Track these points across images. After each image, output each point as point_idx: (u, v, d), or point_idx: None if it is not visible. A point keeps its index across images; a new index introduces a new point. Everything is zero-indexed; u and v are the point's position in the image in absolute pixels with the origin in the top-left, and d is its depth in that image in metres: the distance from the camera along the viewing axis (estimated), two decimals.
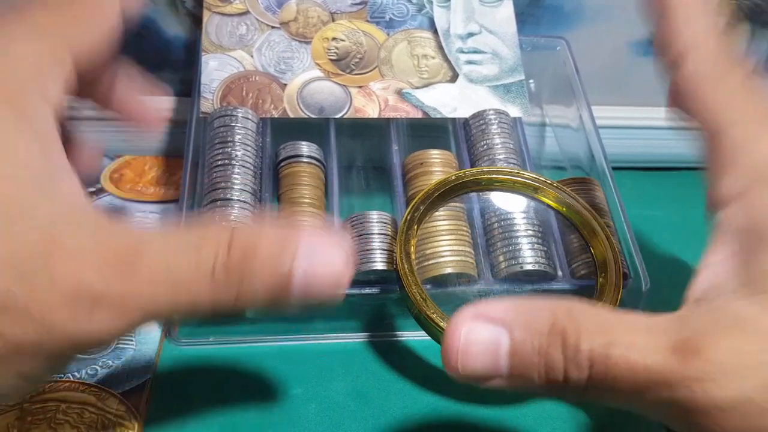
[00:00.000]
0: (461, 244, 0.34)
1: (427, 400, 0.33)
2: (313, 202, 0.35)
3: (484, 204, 0.36)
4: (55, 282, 0.20)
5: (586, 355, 0.21)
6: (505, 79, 0.41)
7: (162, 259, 0.21)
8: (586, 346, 0.21)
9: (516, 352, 0.22)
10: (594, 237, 0.34)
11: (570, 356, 0.21)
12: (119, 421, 0.31)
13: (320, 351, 0.35)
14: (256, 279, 0.21)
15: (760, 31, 0.46)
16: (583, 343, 0.21)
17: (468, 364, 0.22)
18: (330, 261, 0.22)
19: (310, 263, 0.21)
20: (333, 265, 0.22)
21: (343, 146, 0.39)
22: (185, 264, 0.20)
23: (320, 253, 0.22)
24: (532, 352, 0.21)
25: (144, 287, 0.20)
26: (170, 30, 0.43)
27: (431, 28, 0.41)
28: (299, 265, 0.21)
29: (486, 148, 0.38)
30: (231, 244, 0.21)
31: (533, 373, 0.22)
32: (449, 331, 0.22)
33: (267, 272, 0.21)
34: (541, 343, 0.21)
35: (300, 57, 0.39)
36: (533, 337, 0.21)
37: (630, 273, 0.35)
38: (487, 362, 0.22)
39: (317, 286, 0.22)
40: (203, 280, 0.21)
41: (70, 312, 0.20)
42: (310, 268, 0.21)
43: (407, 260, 0.31)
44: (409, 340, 0.35)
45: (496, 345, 0.22)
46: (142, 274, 0.20)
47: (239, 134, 0.36)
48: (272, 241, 0.21)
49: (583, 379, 0.21)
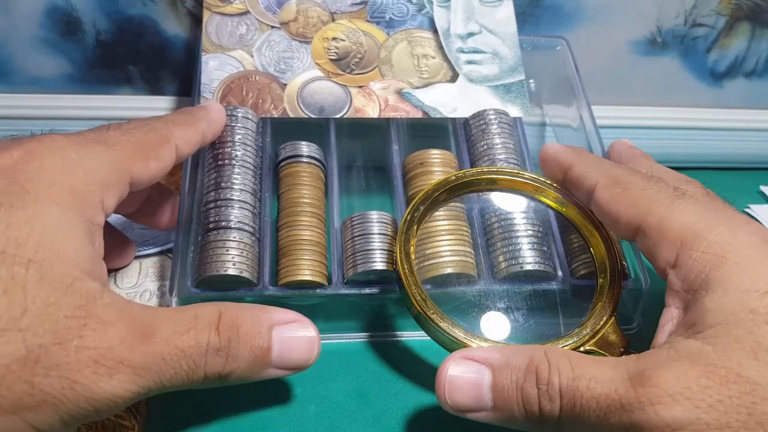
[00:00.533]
0: (461, 244, 0.34)
1: (427, 400, 0.33)
2: (313, 202, 0.35)
3: (484, 204, 0.36)
4: (85, 346, 0.23)
5: (557, 388, 0.25)
6: (505, 78, 0.41)
7: (171, 334, 0.25)
8: (556, 380, 0.25)
9: (497, 387, 0.26)
10: (594, 237, 0.34)
11: (543, 390, 0.25)
12: (119, 421, 0.31)
13: (320, 351, 0.35)
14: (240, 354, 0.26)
15: (759, 31, 0.47)
16: (554, 378, 0.25)
17: (455, 397, 0.27)
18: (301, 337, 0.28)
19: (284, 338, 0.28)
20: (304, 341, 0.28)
21: (343, 146, 0.39)
22: (188, 340, 0.25)
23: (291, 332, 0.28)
24: (511, 386, 0.26)
25: (158, 356, 0.24)
26: (170, 30, 0.43)
27: (431, 27, 0.41)
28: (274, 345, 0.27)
29: (486, 148, 0.38)
30: (219, 326, 0.26)
31: (513, 407, 0.26)
32: (439, 370, 0.27)
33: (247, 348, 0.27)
34: (518, 377, 0.26)
35: (300, 57, 0.39)
36: (512, 373, 0.26)
37: (630, 273, 0.35)
38: (471, 396, 0.26)
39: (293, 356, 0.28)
40: (200, 355, 0.25)
41: (94, 372, 0.23)
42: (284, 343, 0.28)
43: (407, 260, 0.31)
44: (409, 340, 0.35)
45: (480, 380, 0.26)
46: (156, 345, 0.25)
47: (239, 134, 0.36)
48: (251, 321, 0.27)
49: (555, 410, 0.25)
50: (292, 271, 0.33)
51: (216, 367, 0.26)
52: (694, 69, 0.48)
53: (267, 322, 0.28)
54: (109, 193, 0.27)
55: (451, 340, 0.30)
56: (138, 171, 0.29)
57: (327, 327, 0.35)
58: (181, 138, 0.31)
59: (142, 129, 0.30)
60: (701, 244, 0.26)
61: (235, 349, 0.26)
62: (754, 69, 0.48)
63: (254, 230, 0.34)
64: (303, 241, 0.33)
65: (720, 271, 0.25)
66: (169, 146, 0.31)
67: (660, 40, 0.46)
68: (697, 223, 0.27)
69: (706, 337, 0.24)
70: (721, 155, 0.51)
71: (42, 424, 0.23)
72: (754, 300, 0.24)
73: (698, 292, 0.26)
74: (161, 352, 0.25)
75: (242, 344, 0.27)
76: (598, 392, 0.24)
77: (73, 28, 0.42)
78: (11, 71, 0.44)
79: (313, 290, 0.33)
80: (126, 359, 0.24)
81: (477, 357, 0.27)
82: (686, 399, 0.23)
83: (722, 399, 0.22)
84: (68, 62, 0.44)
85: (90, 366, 0.23)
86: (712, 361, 0.23)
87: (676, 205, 0.28)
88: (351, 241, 0.34)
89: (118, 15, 0.42)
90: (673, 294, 0.27)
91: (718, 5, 0.45)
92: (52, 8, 0.41)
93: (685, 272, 0.26)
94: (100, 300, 0.24)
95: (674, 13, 0.45)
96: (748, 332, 0.23)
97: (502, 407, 0.26)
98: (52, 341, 0.22)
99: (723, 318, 0.24)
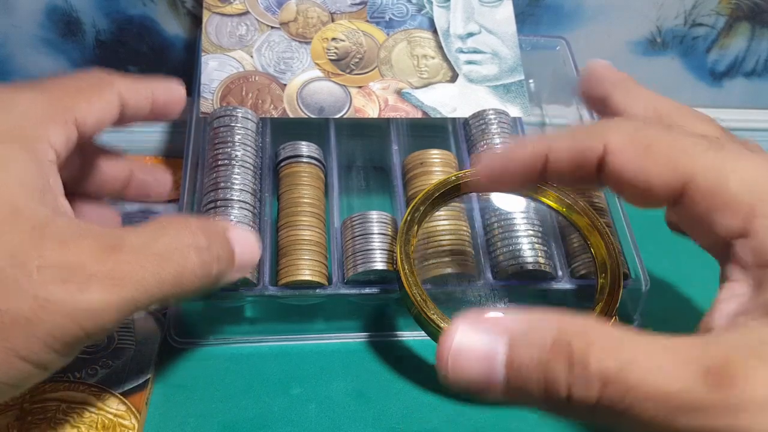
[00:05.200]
0: (461, 244, 0.34)
1: (427, 400, 0.33)
2: (313, 202, 0.35)
3: (484, 204, 0.36)
4: (47, 263, 0.22)
5: (597, 375, 0.19)
6: (505, 79, 0.41)
7: (143, 242, 0.24)
8: (597, 365, 0.19)
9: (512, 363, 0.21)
10: (594, 237, 0.34)
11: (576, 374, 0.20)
12: (119, 421, 0.31)
13: (320, 351, 0.35)
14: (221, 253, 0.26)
15: (759, 31, 0.47)
16: (593, 362, 0.19)
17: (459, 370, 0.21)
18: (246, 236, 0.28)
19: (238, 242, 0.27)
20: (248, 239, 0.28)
21: (343, 146, 0.39)
22: (165, 242, 0.24)
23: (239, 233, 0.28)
24: (531, 364, 0.20)
25: (133, 263, 0.23)
26: (170, 30, 0.43)
27: (431, 28, 0.41)
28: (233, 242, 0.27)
29: (486, 148, 0.38)
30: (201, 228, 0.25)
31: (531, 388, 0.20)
32: (444, 335, 0.22)
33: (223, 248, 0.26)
34: (541, 356, 0.20)
35: (300, 57, 0.39)
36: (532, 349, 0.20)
37: (630, 273, 0.35)
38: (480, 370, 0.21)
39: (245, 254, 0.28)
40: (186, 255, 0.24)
41: (64, 288, 0.22)
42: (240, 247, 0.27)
43: (407, 261, 0.31)
44: (409, 340, 0.35)
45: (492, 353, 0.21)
46: (129, 254, 0.23)
47: (239, 134, 0.36)
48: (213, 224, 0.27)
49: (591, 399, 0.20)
50: (292, 271, 0.33)
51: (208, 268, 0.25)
52: (693, 69, 0.48)
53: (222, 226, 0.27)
54: (53, 130, 0.26)
55: None
56: (81, 111, 0.28)
57: (327, 327, 0.35)
58: (126, 87, 0.30)
59: (81, 74, 0.30)
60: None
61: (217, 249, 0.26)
62: (753, 69, 0.48)
63: (254, 230, 0.34)
64: (303, 241, 0.33)
65: None
66: (111, 89, 0.29)
67: (660, 40, 0.46)
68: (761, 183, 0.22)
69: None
70: None
71: (22, 349, 0.22)
72: None
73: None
74: (136, 259, 0.23)
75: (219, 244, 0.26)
76: (661, 388, 0.19)
77: (73, 28, 0.42)
78: (11, 71, 0.44)
79: (313, 290, 0.33)
80: (97, 272, 0.22)
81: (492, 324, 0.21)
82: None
83: None
84: (68, 62, 0.44)
85: (57, 284, 0.22)
86: None
87: (723, 160, 0.23)
88: (351, 241, 0.34)
89: (118, 15, 0.42)
90: (738, 268, 0.23)
91: (717, 5, 0.45)
92: (52, 8, 0.41)
93: (760, 243, 0.22)
94: (53, 223, 0.23)
95: (674, 13, 0.45)
96: None
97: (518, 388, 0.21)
98: (10, 264, 0.22)
99: None
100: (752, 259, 0.22)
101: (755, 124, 0.50)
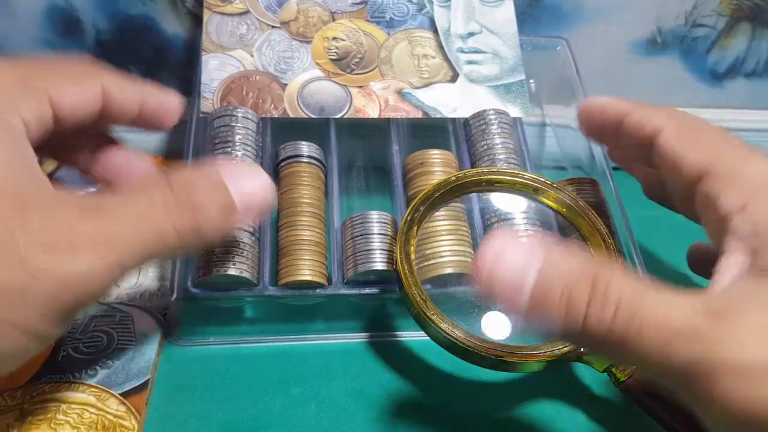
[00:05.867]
0: (461, 245, 0.34)
1: (427, 400, 0.33)
2: (313, 202, 0.35)
3: (484, 204, 0.36)
4: (31, 232, 0.22)
5: (614, 299, 0.22)
6: (506, 79, 0.41)
7: (121, 205, 0.24)
8: (616, 291, 0.22)
9: (542, 280, 0.23)
10: (594, 237, 0.34)
11: (597, 296, 0.22)
12: (119, 421, 0.31)
13: (320, 351, 0.35)
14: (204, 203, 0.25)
15: (760, 31, 0.46)
16: (613, 289, 0.22)
17: (492, 279, 0.23)
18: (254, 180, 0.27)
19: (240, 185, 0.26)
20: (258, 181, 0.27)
21: (343, 146, 0.39)
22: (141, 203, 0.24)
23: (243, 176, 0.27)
24: (558, 283, 0.22)
25: (114, 226, 0.23)
26: (170, 30, 0.43)
27: (431, 27, 0.41)
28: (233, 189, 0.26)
29: (486, 148, 0.38)
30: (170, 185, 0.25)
31: (552, 307, 0.23)
32: (483, 247, 0.24)
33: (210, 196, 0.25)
34: (569, 278, 0.22)
35: (300, 57, 0.39)
36: (562, 271, 0.23)
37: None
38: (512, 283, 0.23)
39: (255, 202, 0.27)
40: (160, 211, 0.24)
41: (53, 256, 0.22)
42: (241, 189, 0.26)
43: (407, 261, 0.31)
44: (409, 340, 0.35)
45: (525, 269, 0.23)
46: (109, 217, 0.23)
47: (239, 134, 0.36)
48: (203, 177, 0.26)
49: (604, 324, 0.22)
50: (292, 271, 0.33)
51: (185, 223, 0.25)
52: (694, 69, 0.48)
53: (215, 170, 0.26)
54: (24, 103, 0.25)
55: (452, 340, 0.30)
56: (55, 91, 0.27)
57: (327, 327, 0.35)
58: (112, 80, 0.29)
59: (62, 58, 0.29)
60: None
61: (197, 200, 0.25)
62: (754, 69, 0.48)
63: (254, 230, 0.34)
64: (303, 241, 0.33)
65: None
66: (93, 78, 0.29)
67: (660, 41, 0.46)
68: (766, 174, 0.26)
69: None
70: None
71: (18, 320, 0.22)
72: None
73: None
74: (118, 222, 0.23)
75: (203, 192, 0.25)
76: (671, 315, 0.21)
77: (73, 28, 0.42)
78: None
79: (313, 290, 0.33)
80: (82, 236, 0.23)
81: (530, 242, 0.24)
82: None
83: None
84: None
85: (46, 252, 0.22)
86: None
87: (748, 156, 0.27)
88: (351, 241, 0.34)
89: (118, 15, 0.42)
90: (736, 239, 0.25)
91: (718, 5, 0.45)
92: (52, 8, 0.41)
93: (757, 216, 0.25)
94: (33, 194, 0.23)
95: (674, 14, 0.45)
96: None
97: (541, 304, 0.23)
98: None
99: None
100: (750, 229, 0.25)
101: (755, 125, 0.50)
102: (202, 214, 0.25)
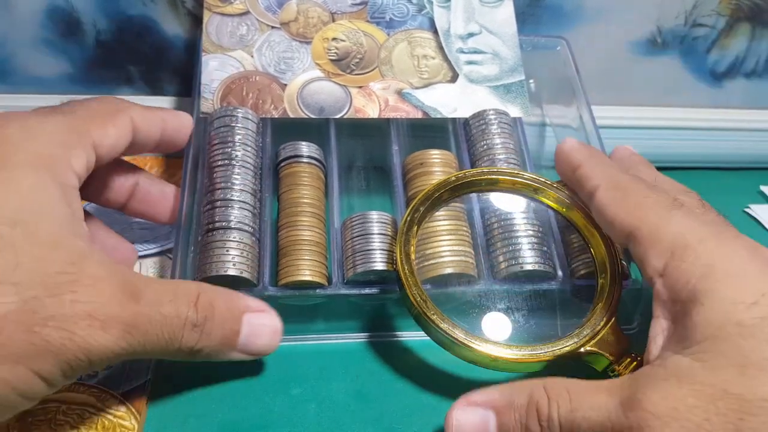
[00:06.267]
0: (461, 245, 0.34)
1: (427, 400, 0.33)
2: (313, 203, 0.35)
3: (484, 204, 0.36)
4: (79, 300, 0.24)
5: (556, 423, 0.25)
6: (506, 79, 0.41)
7: (156, 298, 0.27)
8: (555, 414, 0.25)
9: (502, 428, 0.27)
10: (594, 237, 0.34)
11: (545, 425, 0.25)
12: (119, 421, 0.31)
13: (320, 351, 0.35)
14: (213, 333, 0.28)
15: (759, 31, 0.47)
16: (553, 413, 0.25)
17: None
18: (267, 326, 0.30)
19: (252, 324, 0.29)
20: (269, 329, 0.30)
21: (343, 146, 0.39)
22: (169, 308, 0.27)
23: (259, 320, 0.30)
24: (516, 426, 0.26)
25: (144, 317, 0.26)
26: (170, 30, 0.43)
27: (431, 28, 0.41)
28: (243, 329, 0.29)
29: (486, 148, 0.38)
30: (197, 303, 0.28)
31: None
32: (446, 418, 0.28)
33: (220, 328, 0.28)
34: (521, 416, 0.26)
35: (300, 57, 0.39)
36: (514, 412, 0.26)
37: (630, 273, 0.35)
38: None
39: (257, 342, 0.30)
40: (179, 325, 0.27)
41: (89, 325, 0.24)
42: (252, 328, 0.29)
43: (407, 261, 0.31)
44: (409, 340, 0.35)
45: (485, 424, 0.27)
46: (143, 307, 0.26)
47: (239, 134, 0.36)
48: (225, 304, 0.29)
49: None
50: (292, 271, 0.33)
51: (190, 341, 0.28)
52: (694, 69, 0.48)
53: (240, 308, 0.29)
54: (75, 156, 0.28)
55: (451, 340, 0.30)
56: (98, 135, 0.30)
57: (327, 327, 0.35)
58: (138, 113, 0.32)
59: (97, 100, 0.31)
60: (690, 254, 0.26)
61: (209, 328, 0.28)
62: (754, 69, 0.48)
63: (254, 230, 0.34)
64: (303, 241, 0.34)
65: (707, 282, 0.25)
66: (124, 116, 0.31)
67: (660, 40, 0.46)
68: (688, 234, 0.27)
69: (694, 353, 0.24)
70: (720, 155, 0.51)
71: (45, 372, 0.24)
72: (741, 312, 0.24)
73: (686, 304, 0.26)
74: (148, 314, 0.26)
75: (216, 324, 0.28)
76: (594, 421, 0.25)
77: (73, 28, 0.42)
78: (11, 71, 0.44)
79: (313, 290, 0.33)
80: (118, 315, 0.25)
81: (480, 401, 0.28)
82: (674, 420, 0.23)
83: (709, 417, 0.23)
84: (68, 62, 0.44)
85: (85, 319, 0.24)
86: (699, 379, 0.24)
87: (671, 216, 0.28)
88: (351, 242, 0.34)
89: (118, 15, 0.42)
90: (661, 304, 0.27)
91: (718, 5, 0.45)
92: (53, 8, 0.41)
93: (673, 282, 0.26)
94: (89, 258, 0.25)
95: (674, 13, 0.45)
96: (735, 347, 0.24)
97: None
98: (46, 294, 0.24)
99: (711, 333, 0.24)
100: (668, 296, 0.27)
101: (755, 125, 0.50)
102: (207, 341, 0.28)
